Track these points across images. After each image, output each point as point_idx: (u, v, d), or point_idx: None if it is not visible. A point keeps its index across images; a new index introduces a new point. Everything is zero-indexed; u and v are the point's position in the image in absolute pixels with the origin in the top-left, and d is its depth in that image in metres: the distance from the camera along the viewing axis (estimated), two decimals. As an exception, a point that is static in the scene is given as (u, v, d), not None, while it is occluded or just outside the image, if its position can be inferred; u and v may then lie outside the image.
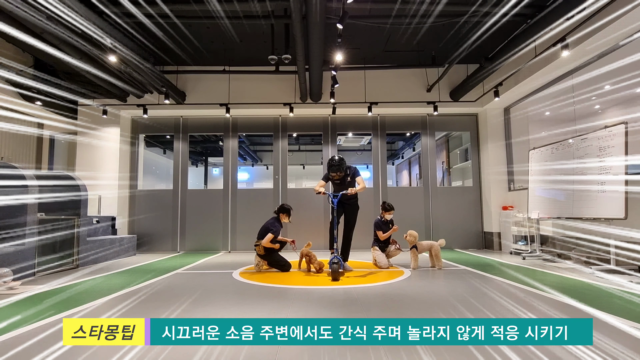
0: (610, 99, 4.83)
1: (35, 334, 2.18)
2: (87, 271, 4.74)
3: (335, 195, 4.48)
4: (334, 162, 4.55)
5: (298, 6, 4.23)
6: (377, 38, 6.20)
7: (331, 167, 4.56)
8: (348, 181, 4.66)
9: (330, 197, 4.48)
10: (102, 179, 7.03)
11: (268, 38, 5.98)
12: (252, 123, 7.75)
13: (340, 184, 4.67)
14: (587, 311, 2.58)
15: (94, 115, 7.14)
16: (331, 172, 4.57)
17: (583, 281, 3.74)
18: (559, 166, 5.23)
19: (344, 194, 4.46)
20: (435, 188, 7.59)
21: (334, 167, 4.54)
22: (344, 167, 4.59)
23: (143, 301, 3.02)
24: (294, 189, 7.76)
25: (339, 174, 4.56)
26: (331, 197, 4.48)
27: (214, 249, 7.41)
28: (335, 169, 4.53)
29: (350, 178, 4.67)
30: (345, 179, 4.65)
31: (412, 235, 4.74)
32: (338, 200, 4.47)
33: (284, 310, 2.72)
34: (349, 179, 4.66)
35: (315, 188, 4.57)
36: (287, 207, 4.84)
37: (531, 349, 1.81)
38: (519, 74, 5.87)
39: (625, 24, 4.10)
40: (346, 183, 4.65)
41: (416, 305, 2.83)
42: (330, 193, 4.53)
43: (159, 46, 5.98)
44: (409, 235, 4.75)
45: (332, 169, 4.56)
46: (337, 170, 4.54)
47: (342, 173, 4.57)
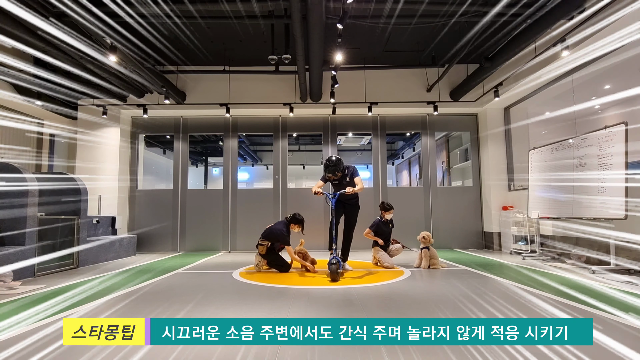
0: (610, 98, 4.83)
1: (35, 334, 2.17)
2: (87, 271, 4.74)
3: (333, 195, 4.47)
4: (331, 162, 4.51)
5: (298, 6, 4.23)
6: (377, 38, 6.20)
7: (327, 167, 4.52)
8: (347, 181, 4.62)
9: (328, 197, 4.48)
10: (102, 179, 7.03)
11: (268, 38, 5.98)
12: (252, 123, 7.75)
13: (338, 184, 4.65)
14: (587, 311, 2.58)
15: (94, 115, 7.14)
16: (327, 172, 4.53)
17: (583, 281, 3.74)
18: (559, 166, 5.23)
19: (342, 194, 4.45)
20: (435, 188, 7.59)
21: (330, 168, 4.50)
22: (341, 167, 4.54)
23: (143, 301, 3.02)
24: (294, 189, 7.76)
25: (336, 174, 4.52)
26: (329, 197, 4.47)
27: (214, 249, 7.41)
28: (332, 169, 4.49)
29: (349, 178, 4.63)
30: (344, 179, 4.62)
31: (427, 237, 4.74)
32: (337, 200, 4.45)
33: (284, 310, 2.72)
34: (347, 179, 4.62)
35: (313, 189, 4.55)
36: (299, 217, 4.73)
37: (531, 349, 1.81)
38: (519, 74, 5.87)
39: (625, 23, 4.11)
40: (345, 183, 4.62)
41: (416, 305, 2.83)
42: (328, 193, 4.51)
43: (159, 46, 5.99)
44: (424, 237, 4.73)
45: (328, 169, 4.52)
46: (334, 171, 4.50)
47: (339, 174, 4.53)
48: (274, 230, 4.63)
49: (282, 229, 4.62)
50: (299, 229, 4.75)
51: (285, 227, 4.65)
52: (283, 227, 4.64)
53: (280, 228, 4.63)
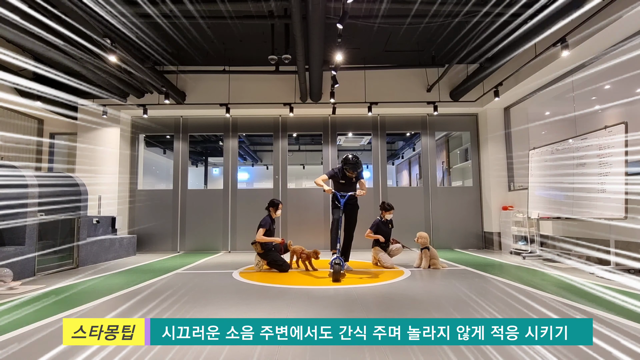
0: (610, 98, 4.83)
1: (35, 334, 2.18)
2: (87, 271, 4.74)
3: (342, 195, 4.47)
4: (352, 160, 4.49)
5: (298, 6, 4.23)
6: (377, 38, 6.20)
7: (347, 163, 4.50)
8: (353, 182, 4.67)
9: (338, 197, 4.47)
10: (102, 179, 7.03)
11: (268, 38, 5.98)
12: (252, 123, 7.75)
13: (345, 183, 4.65)
14: (587, 311, 2.58)
15: (94, 115, 7.14)
16: (348, 169, 4.52)
17: (583, 281, 3.74)
18: (559, 166, 5.23)
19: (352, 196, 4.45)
20: (435, 188, 7.59)
21: (352, 165, 4.49)
22: (360, 167, 4.57)
23: (143, 301, 3.02)
24: (294, 189, 7.76)
25: (354, 172, 4.53)
26: (338, 197, 4.47)
27: (214, 249, 7.41)
28: (353, 167, 4.49)
29: (355, 179, 4.68)
30: (352, 179, 4.66)
31: (423, 237, 4.76)
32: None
33: (284, 310, 2.72)
34: (354, 179, 4.67)
35: (318, 182, 4.54)
36: (276, 201, 4.88)
37: (531, 349, 1.81)
38: (519, 74, 5.87)
39: (625, 23, 4.11)
40: (351, 183, 4.66)
41: (416, 305, 2.83)
42: (338, 193, 4.51)
43: (159, 46, 5.98)
44: (420, 238, 4.76)
45: (349, 166, 4.49)
46: (354, 169, 4.50)
47: (355, 173, 4.56)
48: (260, 222, 4.72)
49: (264, 217, 4.77)
50: (275, 213, 4.85)
51: (267, 216, 4.79)
52: (265, 216, 4.79)
53: (263, 217, 4.77)
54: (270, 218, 4.77)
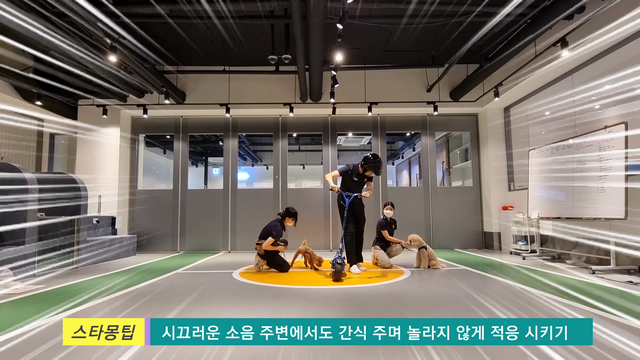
0: (610, 98, 4.83)
1: (35, 334, 2.18)
2: (87, 271, 4.74)
3: (348, 195, 4.46)
4: (376, 160, 4.47)
5: (298, 6, 4.23)
6: (377, 38, 6.20)
7: (369, 163, 4.47)
8: (364, 181, 4.71)
9: (343, 196, 4.46)
10: (102, 179, 7.03)
11: (268, 38, 5.98)
12: (252, 123, 7.75)
13: (357, 182, 4.66)
14: (587, 311, 2.58)
15: (94, 115, 7.14)
16: (368, 169, 4.51)
17: (583, 281, 3.74)
18: (559, 166, 5.23)
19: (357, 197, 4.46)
20: (435, 188, 7.59)
21: (374, 164, 4.47)
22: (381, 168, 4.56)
23: (143, 301, 3.02)
24: (294, 189, 7.76)
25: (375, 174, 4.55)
26: (344, 196, 4.46)
27: (214, 249, 7.41)
28: (375, 167, 4.48)
29: (367, 179, 4.71)
30: (364, 179, 4.69)
31: (414, 239, 4.78)
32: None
33: (284, 310, 2.72)
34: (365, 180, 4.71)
35: (327, 178, 4.53)
36: (293, 211, 4.76)
37: (531, 349, 1.81)
38: (519, 74, 5.87)
39: (625, 23, 4.10)
40: (362, 183, 4.69)
41: (416, 305, 2.83)
42: (344, 192, 4.50)
43: (159, 46, 5.98)
44: (412, 240, 4.77)
45: (369, 165, 4.47)
46: (376, 169, 4.49)
47: (375, 174, 4.56)
48: (268, 226, 4.65)
49: (276, 224, 4.62)
50: (292, 223, 4.77)
51: (279, 223, 4.66)
52: (277, 223, 4.65)
53: (275, 224, 4.63)
54: (282, 226, 4.65)
